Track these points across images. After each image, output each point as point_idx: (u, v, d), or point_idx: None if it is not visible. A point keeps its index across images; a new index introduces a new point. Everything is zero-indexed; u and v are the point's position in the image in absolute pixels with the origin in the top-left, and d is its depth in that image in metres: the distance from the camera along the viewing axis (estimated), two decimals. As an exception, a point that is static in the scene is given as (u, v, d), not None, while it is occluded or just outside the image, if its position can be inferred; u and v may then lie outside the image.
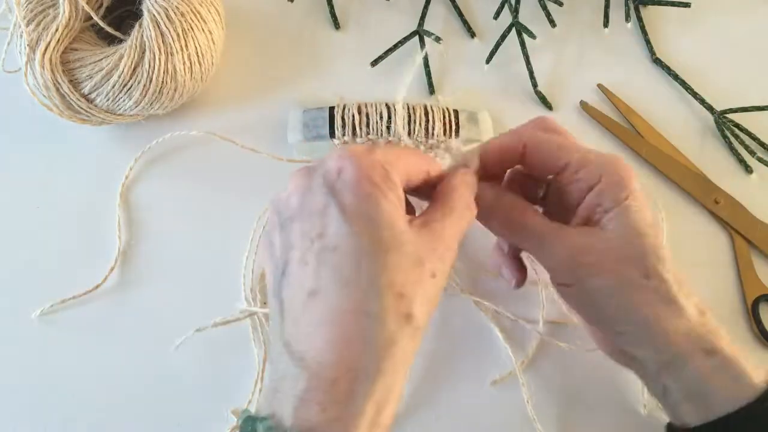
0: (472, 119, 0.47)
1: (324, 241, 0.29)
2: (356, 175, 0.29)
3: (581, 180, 0.35)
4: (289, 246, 0.30)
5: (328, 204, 0.29)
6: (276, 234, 0.31)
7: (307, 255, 0.29)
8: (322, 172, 0.30)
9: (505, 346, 0.42)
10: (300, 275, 0.29)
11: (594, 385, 0.42)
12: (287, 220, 0.31)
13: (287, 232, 0.31)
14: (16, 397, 0.41)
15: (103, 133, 0.47)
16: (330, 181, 0.30)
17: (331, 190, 0.30)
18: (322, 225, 0.29)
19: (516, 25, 0.50)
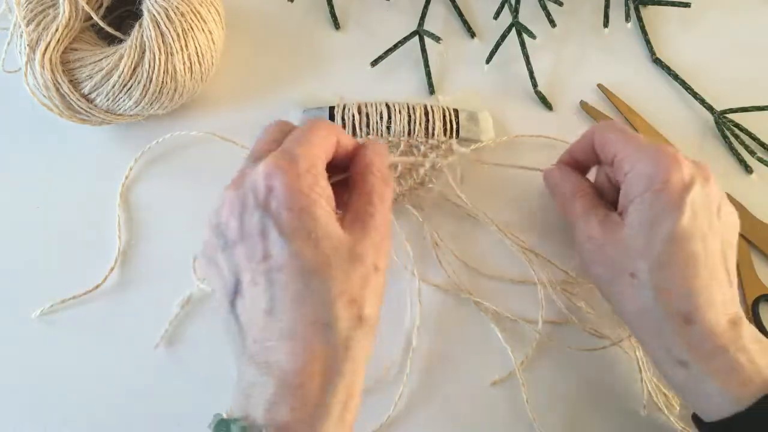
0: (472, 119, 0.47)
1: (269, 262, 0.31)
2: (287, 191, 0.31)
3: (621, 168, 0.37)
4: (237, 268, 0.32)
5: (265, 225, 0.31)
6: (220, 255, 0.32)
7: (256, 276, 0.31)
8: (253, 192, 0.31)
9: (505, 347, 0.42)
10: (253, 295, 0.31)
11: (594, 385, 0.42)
12: (230, 243, 0.32)
13: (231, 255, 0.32)
14: (16, 397, 0.41)
15: (103, 133, 0.47)
16: (263, 201, 0.31)
17: (266, 211, 0.31)
18: (264, 247, 0.31)
19: (516, 25, 0.50)
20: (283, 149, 0.33)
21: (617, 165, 0.38)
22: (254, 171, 0.32)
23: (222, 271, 0.33)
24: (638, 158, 0.36)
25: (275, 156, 0.32)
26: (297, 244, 0.30)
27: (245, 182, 0.32)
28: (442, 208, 0.45)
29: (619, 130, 0.39)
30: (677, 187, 0.35)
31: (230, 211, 0.32)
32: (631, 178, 0.36)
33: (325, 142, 0.34)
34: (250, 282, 0.31)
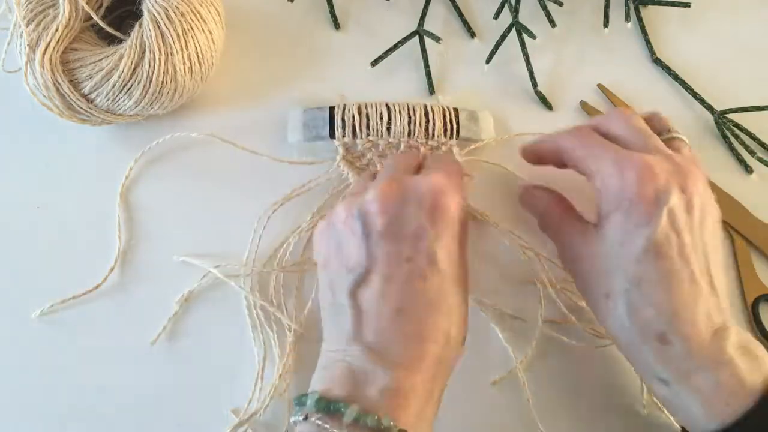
0: (472, 119, 0.47)
1: (413, 266, 0.32)
2: (453, 217, 0.33)
3: (594, 183, 0.36)
4: (373, 259, 0.33)
5: (422, 234, 0.33)
6: (355, 240, 0.33)
7: (395, 274, 0.32)
8: (418, 197, 0.33)
9: (506, 346, 0.42)
10: (384, 291, 0.32)
11: (594, 384, 0.42)
12: (376, 234, 0.33)
13: (372, 246, 0.33)
14: (16, 397, 0.41)
15: (103, 133, 0.47)
16: (426, 213, 0.33)
17: (429, 221, 0.33)
18: (412, 251, 0.32)
19: (516, 25, 0.50)
20: (448, 173, 0.35)
21: (589, 181, 0.37)
22: (423, 178, 0.34)
23: (349, 256, 0.33)
24: (605, 174, 0.35)
25: (444, 175, 0.34)
26: (442, 259, 0.33)
27: (411, 185, 0.34)
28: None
29: (582, 145, 0.37)
30: (648, 202, 0.33)
31: (385, 205, 0.33)
32: (602, 194, 0.35)
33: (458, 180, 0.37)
34: (385, 275, 0.32)
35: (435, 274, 0.32)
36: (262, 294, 0.43)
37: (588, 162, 0.36)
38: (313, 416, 0.30)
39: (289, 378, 0.41)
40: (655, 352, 0.33)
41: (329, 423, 0.29)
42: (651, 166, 0.34)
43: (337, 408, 0.30)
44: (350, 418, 0.29)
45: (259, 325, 0.42)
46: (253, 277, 0.43)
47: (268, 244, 0.44)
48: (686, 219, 0.34)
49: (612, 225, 0.34)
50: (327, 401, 0.30)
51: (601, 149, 0.36)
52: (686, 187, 0.34)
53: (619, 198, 0.34)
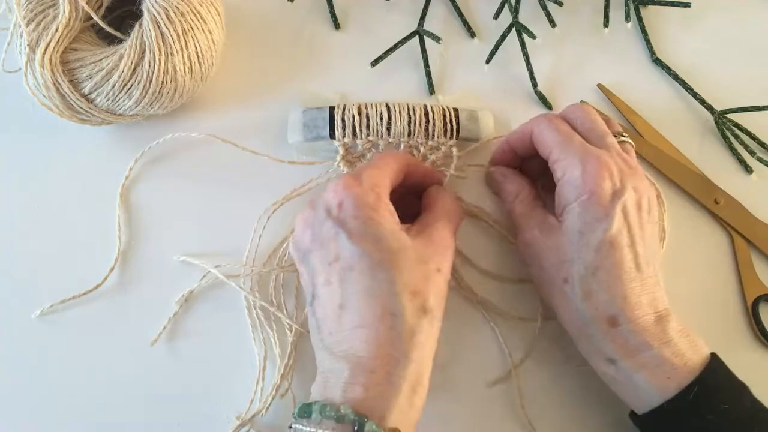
0: (472, 118, 0.47)
1: (340, 263, 0.35)
2: (355, 204, 0.36)
3: (555, 172, 0.39)
4: (314, 273, 0.36)
5: (337, 233, 0.35)
6: (302, 267, 0.37)
7: (330, 276, 0.35)
8: (325, 207, 0.36)
9: (504, 347, 0.42)
10: (327, 294, 0.35)
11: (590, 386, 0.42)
12: (306, 252, 0.37)
13: (308, 263, 0.37)
14: (16, 397, 0.41)
15: (103, 133, 0.47)
16: (333, 214, 0.36)
17: (337, 221, 0.35)
18: (335, 250, 0.35)
19: (516, 25, 0.50)
20: (352, 173, 0.38)
21: (551, 166, 0.39)
22: (326, 191, 0.37)
23: (305, 280, 0.37)
24: (568, 165, 0.38)
25: (344, 177, 0.37)
26: (364, 246, 0.35)
27: (318, 201, 0.37)
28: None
29: (554, 129, 0.39)
30: (606, 197, 0.36)
31: (305, 225, 0.37)
32: (562, 185, 0.38)
33: (391, 167, 0.39)
34: (324, 282, 0.35)
35: (360, 261, 0.34)
36: (262, 294, 0.43)
37: (556, 149, 0.39)
38: (294, 423, 0.32)
39: (291, 377, 0.41)
40: (604, 333, 0.36)
41: (303, 424, 0.32)
42: (609, 164, 0.37)
43: (309, 410, 0.32)
44: (316, 414, 0.32)
45: (259, 325, 0.42)
46: (253, 277, 0.43)
47: (268, 244, 0.44)
48: (636, 215, 0.37)
49: (572, 216, 0.37)
50: (305, 406, 0.32)
51: (570, 141, 0.39)
52: (637, 186, 0.38)
53: (580, 190, 0.37)
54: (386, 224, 0.36)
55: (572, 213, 0.37)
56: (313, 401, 0.33)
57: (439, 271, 0.36)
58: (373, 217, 0.35)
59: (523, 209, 0.41)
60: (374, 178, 0.37)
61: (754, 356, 0.43)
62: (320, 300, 0.36)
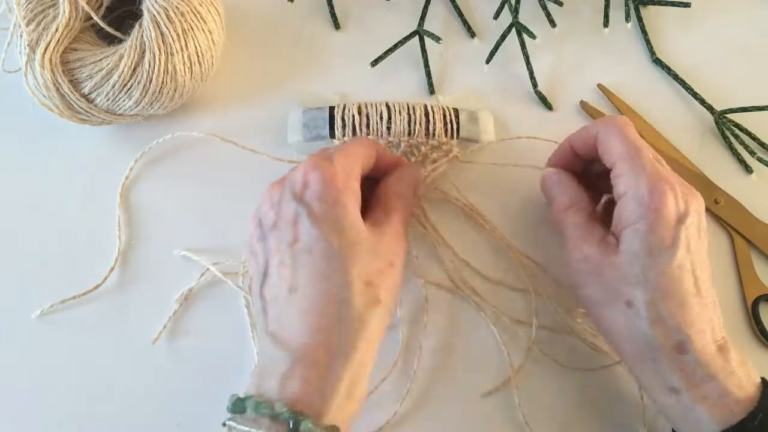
0: (472, 119, 0.47)
1: (298, 245, 0.34)
2: (321, 185, 0.34)
3: (616, 186, 0.37)
4: (269, 252, 0.35)
5: (299, 214, 0.34)
6: (257, 245, 0.36)
7: (285, 258, 0.34)
8: (290, 186, 0.35)
9: (503, 348, 0.42)
10: (280, 275, 0.34)
11: (590, 391, 0.42)
12: (267, 230, 0.36)
13: (267, 241, 0.35)
14: (16, 397, 0.41)
15: (103, 133, 0.47)
16: (298, 193, 0.35)
17: (300, 202, 0.34)
18: (295, 232, 0.34)
19: (516, 25, 0.50)
20: (323, 153, 0.37)
21: (614, 179, 0.37)
22: (295, 169, 0.36)
23: (258, 259, 0.36)
24: (634, 182, 0.35)
25: (314, 156, 0.36)
26: (325, 230, 0.34)
27: (287, 178, 0.36)
28: (442, 208, 0.45)
29: (623, 138, 0.37)
30: (672, 219, 0.35)
31: (270, 203, 0.36)
32: (625, 202, 0.36)
33: (362, 154, 0.38)
34: (278, 264, 0.34)
35: (319, 245, 0.33)
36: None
37: (622, 164, 0.36)
38: (228, 420, 0.31)
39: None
40: (671, 361, 0.34)
41: (238, 421, 0.30)
42: (674, 185, 0.35)
43: (242, 405, 0.31)
44: (251, 410, 0.30)
45: (258, 325, 0.42)
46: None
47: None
48: (696, 238, 0.36)
49: (635, 237, 0.35)
50: (239, 401, 0.31)
51: (638, 155, 0.36)
52: (698, 208, 0.36)
53: (646, 210, 0.35)
54: (350, 211, 0.35)
55: (637, 233, 0.35)
56: (247, 396, 0.31)
57: (392, 266, 0.36)
58: (339, 202, 0.34)
59: (579, 221, 0.38)
60: (346, 162, 0.36)
61: (754, 356, 0.43)
62: (271, 280, 0.34)
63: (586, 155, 0.40)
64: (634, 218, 0.35)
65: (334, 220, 0.34)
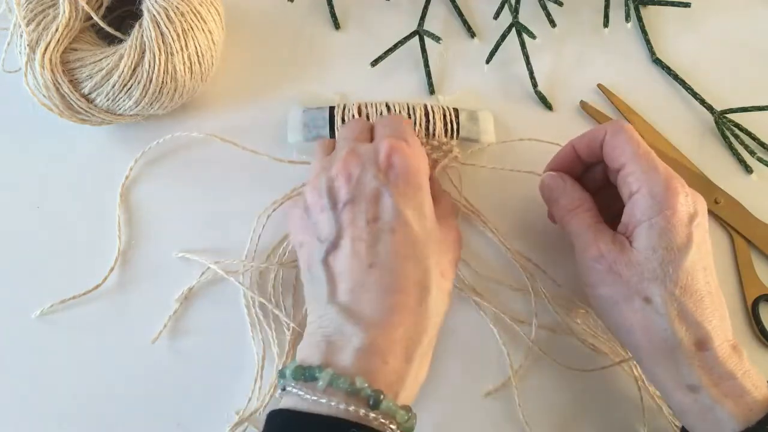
0: (472, 119, 0.47)
1: (379, 224, 0.34)
2: (408, 168, 0.35)
3: (627, 185, 0.37)
4: (341, 225, 0.34)
5: (382, 193, 0.34)
6: (322, 215, 0.35)
7: (362, 233, 0.34)
8: (374, 162, 0.35)
9: (503, 349, 0.42)
10: (355, 250, 0.33)
11: (588, 391, 0.42)
12: (338, 203, 0.35)
13: (340, 215, 0.35)
14: (16, 397, 0.41)
15: (103, 133, 0.47)
16: (382, 173, 0.35)
17: (385, 181, 0.35)
18: (375, 211, 0.34)
19: (516, 25, 0.50)
20: (397, 135, 0.37)
21: (623, 179, 0.37)
22: (376, 144, 0.36)
23: (321, 229, 0.35)
24: (647, 180, 0.36)
25: (395, 137, 0.36)
26: (409, 214, 0.34)
27: (364, 154, 0.36)
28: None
29: (630, 139, 0.37)
30: (685, 217, 0.35)
31: (346, 175, 0.35)
32: (637, 200, 0.36)
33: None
34: (353, 237, 0.34)
35: (403, 227, 0.34)
36: (261, 292, 0.43)
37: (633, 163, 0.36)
38: (290, 386, 0.30)
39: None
40: (691, 358, 0.34)
41: (304, 390, 0.30)
42: (685, 186, 0.36)
43: (311, 374, 0.30)
44: (324, 382, 0.29)
45: (257, 324, 0.42)
46: (252, 274, 0.43)
47: (267, 243, 0.44)
48: (704, 240, 0.36)
49: (650, 233, 0.35)
50: (303, 369, 0.30)
51: (649, 155, 0.37)
52: (704, 210, 0.37)
53: (662, 206, 0.35)
54: (429, 199, 0.35)
55: (652, 229, 0.35)
56: (316, 366, 0.30)
57: (452, 265, 0.36)
58: (422, 187, 0.35)
59: (588, 221, 0.38)
60: (419, 148, 0.37)
61: (754, 356, 0.43)
62: (344, 253, 0.34)
63: (588, 158, 0.40)
64: (650, 213, 0.35)
65: (419, 205, 0.34)
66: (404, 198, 0.34)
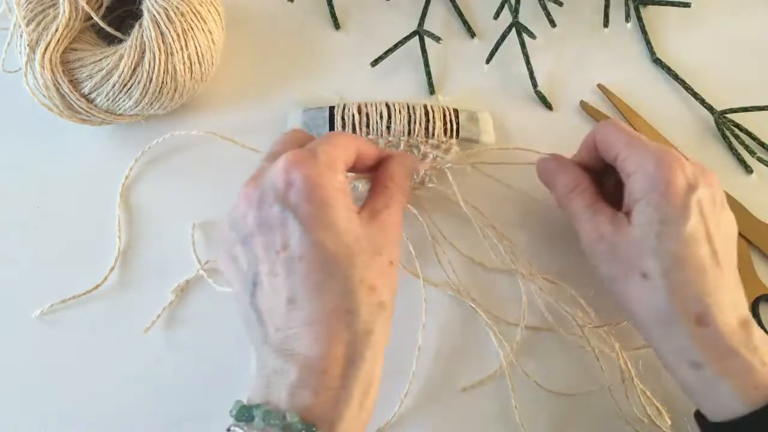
0: (472, 119, 0.47)
1: (288, 252, 0.31)
2: (307, 185, 0.31)
3: (625, 169, 0.37)
4: (255, 259, 0.32)
5: (285, 217, 0.31)
6: (238, 249, 0.33)
7: (275, 267, 0.31)
8: (272, 186, 0.32)
9: (498, 350, 0.42)
10: (273, 286, 0.32)
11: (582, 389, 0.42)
12: (248, 236, 0.33)
13: (250, 247, 0.32)
14: (16, 397, 0.41)
15: (103, 133, 0.47)
16: (282, 194, 0.32)
17: (286, 204, 0.31)
18: (283, 237, 0.31)
19: (516, 25, 0.50)
20: (304, 148, 0.34)
21: (620, 165, 0.38)
22: (274, 166, 0.33)
23: (241, 265, 0.33)
24: (643, 158, 0.36)
25: (295, 152, 0.33)
26: (317, 235, 0.31)
27: (264, 177, 0.33)
28: (442, 208, 0.45)
29: (620, 129, 0.38)
30: (682, 188, 0.35)
31: (248, 203, 0.33)
32: (636, 179, 0.36)
33: (346, 147, 0.35)
34: (268, 272, 0.32)
35: (313, 251, 0.31)
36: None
37: (625, 148, 0.37)
38: (234, 426, 0.30)
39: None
40: (691, 333, 0.33)
41: (245, 429, 0.29)
42: (681, 159, 0.36)
43: (250, 414, 0.30)
44: (259, 419, 0.29)
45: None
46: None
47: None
48: (711, 209, 0.35)
49: (647, 209, 0.35)
50: (245, 409, 0.30)
51: (638, 138, 0.38)
52: (710, 182, 0.36)
53: (656, 182, 0.35)
54: (341, 210, 0.32)
55: (649, 204, 0.35)
56: (254, 404, 0.30)
57: (391, 264, 0.34)
58: (327, 202, 0.31)
59: (587, 201, 0.38)
60: (330, 154, 0.33)
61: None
62: (264, 291, 0.32)
63: (597, 164, 0.41)
64: (646, 190, 0.35)
65: (326, 222, 0.31)
66: (311, 218, 0.31)
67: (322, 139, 0.35)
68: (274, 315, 0.32)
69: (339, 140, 0.35)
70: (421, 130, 0.45)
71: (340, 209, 0.32)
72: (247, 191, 0.33)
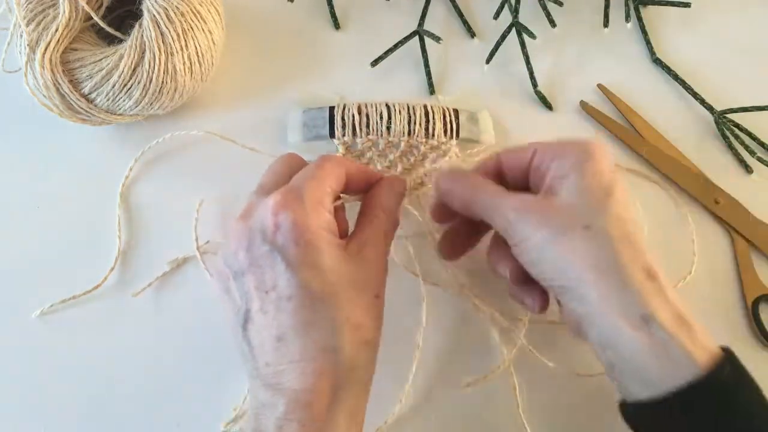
0: (472, 119, 0.47)
1: (277, 292, 0.33)
2: (293, 227, 0.33)
3: (547, 158, 0.35)
4: (247, 295, 0.34)
5: (273, 259, 0.33)
6: (231, 282, 0.35)
7: (265, 305, 0.33)
8: (260, 228, 0.33)
9: (501, 348, 0.42)
10: (263, 323, 0.33)
11: (590, 390, 0.42)
12: (239, 273, 0.34)
13: (242, 283, 0.34)
14: (16, 397, 0.41)
15: (103, 133, 0.47)
16: (270, 236, 0.33)
17: (273, 245, 0.33)
18: (272, 278, 0.33)
19: (516, 25, 0.50)
20: (291, 186, 0.35)
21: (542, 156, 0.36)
22: (263, 206, 0.34)
23: (234, 298, 0.35)
24: (562, 145, 0.35)
25: (283, 193, 0.34)
26: (303, 276, 0.32)
27: (253, 216, 0.34)
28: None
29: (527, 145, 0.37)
30: (607, 162, 0.35)
31: (238, 243, 0.34)
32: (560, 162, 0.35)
33: (336, 174, 0.36)
34: (259, 310, 0.33)
35: (300, 292, 0.32)
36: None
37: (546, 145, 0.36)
38: None
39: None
40: (641, 282, 0.32)
41: None
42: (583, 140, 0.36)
43: None
44: None
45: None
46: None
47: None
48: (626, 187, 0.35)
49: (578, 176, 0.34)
50: None
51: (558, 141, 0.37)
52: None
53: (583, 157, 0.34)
54: (327, 249, 0.33)
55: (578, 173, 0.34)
56: None
57: (377, 297, 0.35)
58: (312, 242, 0.33)
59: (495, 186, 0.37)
60: (315, 193, 0.34)
61: (754, 356, 0.43)
62: (256, 327, 0.33)
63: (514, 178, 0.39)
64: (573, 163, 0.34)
65: (314, 263, 0.33)
66: (297, 260, 0.32)
67: (310, 172, 0.35)
68: (264, 350, 0.33)
69: (327, 169, 0.36)
70: (421, 130, 0.45)
71: (326, 249, 0.33)
72: (239, 229, 0.34)
